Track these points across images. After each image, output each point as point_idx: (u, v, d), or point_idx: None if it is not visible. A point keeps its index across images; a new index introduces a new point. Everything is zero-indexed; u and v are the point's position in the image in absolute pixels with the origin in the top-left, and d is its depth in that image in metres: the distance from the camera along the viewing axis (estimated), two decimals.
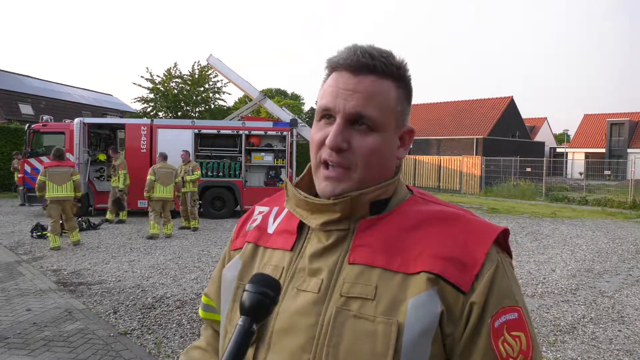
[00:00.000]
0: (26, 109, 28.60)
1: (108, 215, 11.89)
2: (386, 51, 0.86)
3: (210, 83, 28.65)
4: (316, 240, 0.86)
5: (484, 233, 0.81)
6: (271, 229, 0.94)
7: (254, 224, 0.98)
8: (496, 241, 0.81)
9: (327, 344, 0.76)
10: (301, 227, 0.89)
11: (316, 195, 0.88)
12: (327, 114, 0.85)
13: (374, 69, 0.83)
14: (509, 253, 0.84)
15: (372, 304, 0.76)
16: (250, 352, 0.80)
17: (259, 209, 1.02)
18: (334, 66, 0.86)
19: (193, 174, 10.85)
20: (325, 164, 0.84)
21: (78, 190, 8.89)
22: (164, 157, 10.44)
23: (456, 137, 32.44)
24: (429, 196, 0.92)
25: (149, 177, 9.98)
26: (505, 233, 0.83)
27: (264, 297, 0.68)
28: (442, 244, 0.78)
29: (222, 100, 30.26)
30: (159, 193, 10.02)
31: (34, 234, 9.75)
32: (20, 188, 13.08)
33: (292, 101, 48.82)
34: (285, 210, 0.94)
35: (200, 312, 1.08)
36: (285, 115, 14.84)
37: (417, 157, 27.10)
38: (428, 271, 0.76)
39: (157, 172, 10.05)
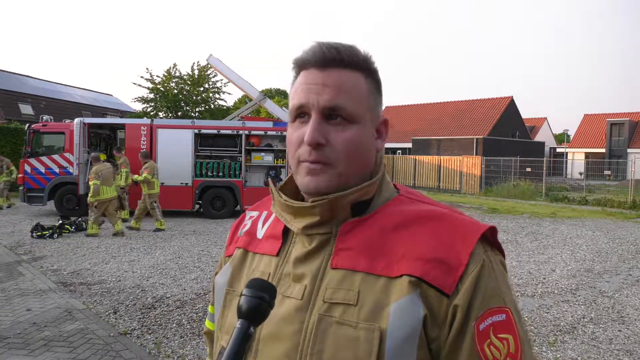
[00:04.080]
0: (26, 109, 28.61)
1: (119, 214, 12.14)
2: (350, 45, 0.86)
3: (210, 83, 28.64)
4: (300, 244, 0.85)
5: (469, 232, 0.78)
6: (260, 233, 0.94)
7: (244, 229, 0.98)
8: (484, 239, 0.79)
9: (311, 351, 0.75)
10: (287, 231, 0.89)
11: (303, 199, 0.87)
12: (301, 112, 0.84)
13: (341, 62, 0.83)
14: (500, 250, 0.82)
15: (355, 310, 0.75)
16: None
17: (250, 214, 1.02)
18: (301, 65, 0.86)
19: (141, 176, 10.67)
20: (306, 162, 0.82)
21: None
22: (97, 158, 10.19)
23: (456, 137, 32.41)
24: (416, 195, 0.90)
25: (93, 182, 9.62)
26: (492, 230, 0.81)
27: (260, 301, 0.69)
28: (425, 245, 0.77)
29: (222, 100, 30.27)
30: (105, 194, 9.80)
31: (34, 234, 9.74)
32: (21, 188, 13.08)
33: None
34: (274, 215, 0.93)
35: (206, 322, 1.07)
36: (286, 115, 14.69)
37: (417, 157, 27.08)
38: (410, 274, 0.74)
39: (102, 174, 9.73)
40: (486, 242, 0.80)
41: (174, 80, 27.88)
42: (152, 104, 27.80)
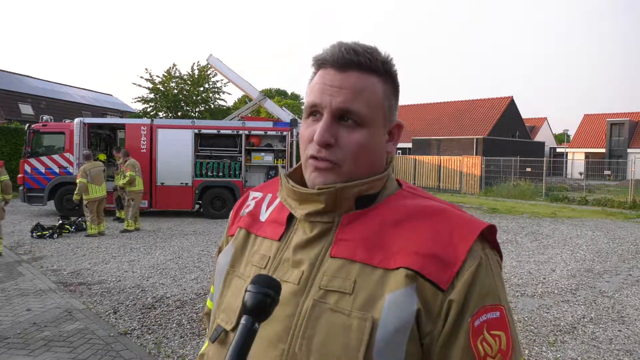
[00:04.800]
0: (26, 109, 28.60)
1: (118, 214, 12.19)
2: (371, 47, 0.86)
3: (210, 83, 28.65)
4: (302, 231, 0.86)
5: (468, 229, 0.79)
6: (263, 216, 0.95)
7: (247, 210, 0.99)
8: (482, 238, 0.80)
9: (302, 335, 0.76)
10: (290, 218, 0.90)
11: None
12: (315, 111, 0.85)
13: (359, 65, 0.83)
14: (497, 250, 0.83)
15: (350, 298, 0.76)
16: (231, 337, 0.81)
17: (253, 195, 1.03)
18: (319, 63, 0.87)
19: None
20: (314, 159, 0.84)
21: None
22: (88, 156, 10.16)
23: (456, 137, 32.44)
24: (418, 191, 0.91)
25: (79, 180, 9.70)
26: (491, 229, 0.81)
27: (265, 297, 0.70)
28: (423, 240, 0.78)
29: (222, 100, 30.29)
30: (94, 193, 9.84)
31: (34, 234, 9.75)
32: (21, 188, 13.09)
33: (292, 101, 48.77)
34: (278, 199, 0.95)
35: (207, 302, 1.08)
36: (285, 115, 14.84)
37: (417, 157, 27.09)
38: (407, 267, 0.75)
39: (90, 172, 9.75)
40: (485, 240, 0.81)
41: (174, 81, 27.88)
42: (152, 104, 27.81)
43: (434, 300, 0.74)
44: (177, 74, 28.08)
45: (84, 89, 38.11)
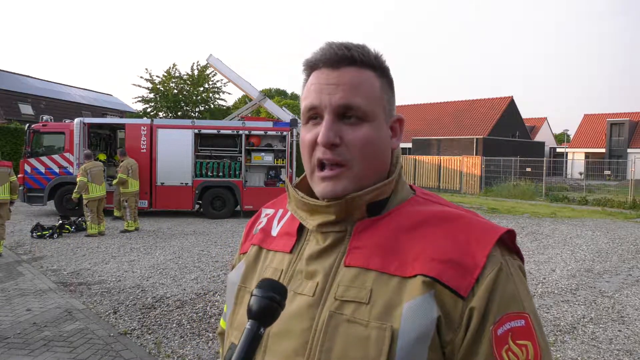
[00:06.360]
0: (26, 109, 28.61)
1: (115, 213, 12.25)
2: (361, 44, 0.85)
3: (210, 83, 28.63)
4: (314, 242, 0.84)
5: (486, 234, 0.76)
6: (275, 231, 0.94)
7: (260, 227, 0.98)
8: (501, 243, 0.77)
9: (320, 349, 0.74)
10: (301, 229, 0.88)
11: (317, 197, 0.87)
12: (314, 114, 0.83)
13: (353, 60, 0.82)
14: (519, 255, 0.80)
15: (367, 308, 0.74)
16: None
17: (265, 212, 1.01)
18: (312, 65, 0.85)
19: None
20: (321, 165, 0.81)
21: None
22: (89, 156, 10.19)
23: (456, 137, 32.43)
24: (432, 196, 0.89)
25: (79, 179, 9.77)
26: (510, 234, 0.79)
27: (271, 301, 0.68)
28: (441, 246, 0.75)
29: (222, 100, 30.25)
30: (94, 193, 9.88)
31: (34, 234, 9.75)
32: (21, 188, 13.08)
33: (292, 101, 48.73)
34: (289, 213, 0.93)
35: (221, 322, 1.05)
36: (285, 115, 14.84)
37: (417, 157, 27.08)
38: (424, 274, 0.73)
39: (90, 172, 9.80)
40: (504, 245, 0.78)
41: (173, 81, 27.86)
42: (152, 104, 27.79)
43: (454, 307, 0.72)
44: (177, 74, 28.06)
45: (84, 89, 38.13)
